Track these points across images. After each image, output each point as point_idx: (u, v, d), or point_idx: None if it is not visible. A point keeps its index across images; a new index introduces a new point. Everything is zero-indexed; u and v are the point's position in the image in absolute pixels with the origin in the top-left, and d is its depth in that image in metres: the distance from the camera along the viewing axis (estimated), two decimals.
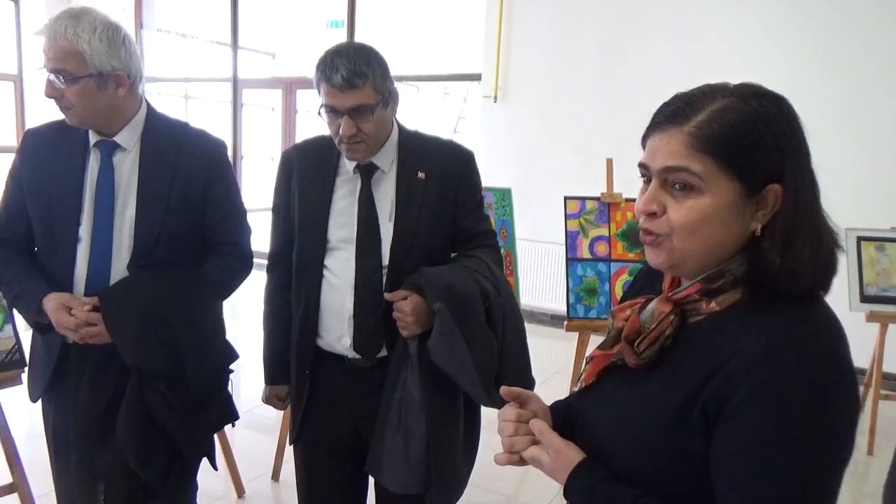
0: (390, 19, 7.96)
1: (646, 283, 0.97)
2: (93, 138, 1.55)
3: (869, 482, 3.10)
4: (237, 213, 1.70)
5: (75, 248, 1.52)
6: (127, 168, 1.56)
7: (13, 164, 1.60)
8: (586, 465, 0.86)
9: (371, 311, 1.51)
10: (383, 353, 1.55)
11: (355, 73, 1.38)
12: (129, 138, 1.55)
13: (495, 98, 5.56)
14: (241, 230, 1.71)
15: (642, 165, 0.83)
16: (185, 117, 7.77)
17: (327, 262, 1.54)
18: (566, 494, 0.87)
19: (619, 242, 3.23)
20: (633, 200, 3.20)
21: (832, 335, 0.76)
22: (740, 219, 0.79)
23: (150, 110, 1.61)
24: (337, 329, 1.54)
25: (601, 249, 3.14)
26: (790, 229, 0.77)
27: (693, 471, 0.78)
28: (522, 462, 0.91)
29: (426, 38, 8.17)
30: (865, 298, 3.37)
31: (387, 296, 1.48)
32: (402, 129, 1.59)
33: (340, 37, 6.87)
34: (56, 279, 1.54)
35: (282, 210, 1.63)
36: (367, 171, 1.54)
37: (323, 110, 1.44)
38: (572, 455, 0.87)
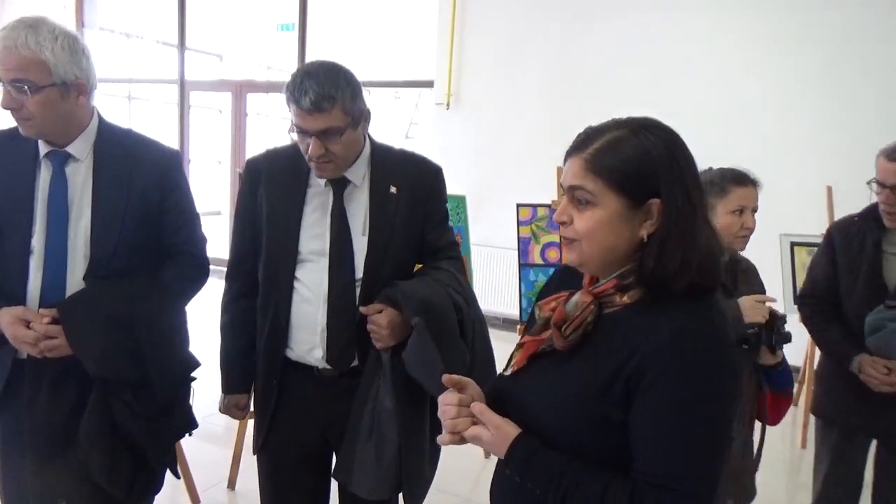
0: (342, 23, 7.95)
1: (562, 281, 1.14)
2: (43, 149, 1.52)
3: (802, 473, 3.28)
4: (193, 223, 1.70)
5: (27, 259, 1.50)
6: (80, 178, 1.54)
7: None
8: (522, 437, 0.99)
9: (344, 324, 1.52)
10: (354, 363, 1.57)
11: (324, 96, 1.38)
12: (81, 148, 1.54)
13: (448, 105, 5.63)
14: (198, 239, 1.72)
15: (561, 186, 1.03)
16: (128, 118, 7.54)
17: (298, 273, 1.54)
18: (506, 464, 1.00)
19: None
20: None
21: (718, 325, 0.95)
22: (629, 227, 0.96)
23: (101, 120, 1.60)
24: (308, 341, 1.55)
25: (552, 255, 3.24)
26: (664, 237, 0.94)
27: (613, 437, 0.94)
28: (463, 441, 1.04)
29: (378, 43, 8.18)
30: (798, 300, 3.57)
31: (362, 309, 1.49)
32: (373, 144, 1.60)
33: (290, 40, 6.82)
34: (6, 292, 1.50)
35: (246, 219, 1.62)
36: (339, 185, 1.55)
37: (293, 129, 1.46)
38: (510, 430, 1.00)
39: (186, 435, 1.76)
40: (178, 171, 1.67)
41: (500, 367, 1.57)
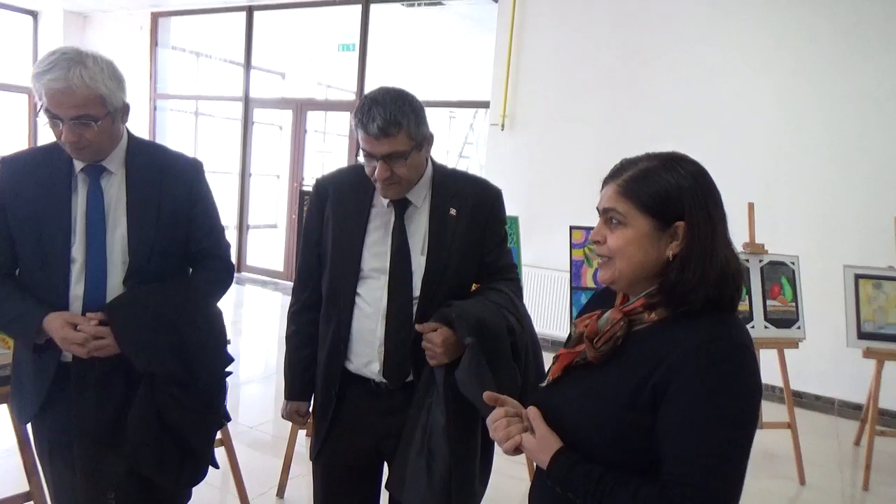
0: (401, 43, 8.12)
1: (598, 302, 1.24)
2: (79, 164, 1.59)
3: None
4: (219, 229, 1.80)
5: (69, 268, 1.57)
6: (114, 190, 1.62)
7: None
8: (565, 450, 1.07)
9: (401, 340, 1.57)
10: (409, 378, 1.61)
11: (390, 122, 1.45)
12: (115, 162, 1.63)
13: (503, 126, 5.67)
14: (224, 244, 1.82)
15: (598, 210, 1.14)
16: (195, 133, 7.82)
17: (360, 289, 1.61)
18: (547, 475, 1.08)
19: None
20: None
21: (739, 335, 1.02)
22: (657, 246, 1.07)
23: (129, 133, 1.69)
24: (367, 354, 1.61)
25: None
26: (686, 254, 1.05)
27: (642, 441, 1.02)
28: (518, 452, 1.12)
29: (436, 62, 8.30)
30: (862, 335, 3.43)
31: (418, 327, 1.54)
32: (435, 166, 1.66)
33: (351, 60, 7.02)
34: (50, 299, 1.57)
35: (313, 235, 1.69)
36: (400, 206, 1.60)
37: (361, 153, 1.53)
38: (554, 442, 1.08)
39: (224, 423, 1.84)
40: (203, 180, 1.76)
41: None
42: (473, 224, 1.62)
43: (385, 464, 1.71)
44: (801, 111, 4.57)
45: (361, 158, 1.55)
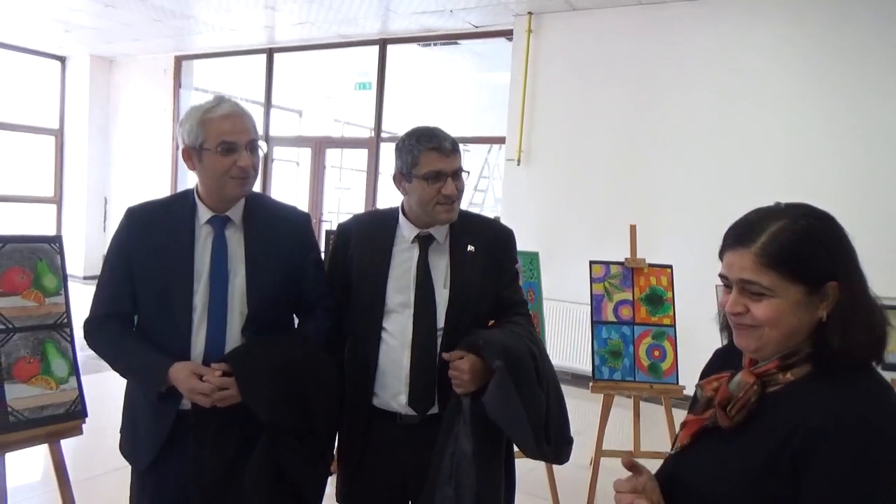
0: (417, 82, 8.30)
1: (724, 361, 1.17)
2: (205, 215, 1.67)
3: None
4: (324, 279, 1.83)
5: (192, 316, 1.62)
6: (235, 240, 1.68)
7: (117, 241, 1.69)
8: None
9: (427, 368, 1.65)
10: (433, 409, 1.67)
11: (453, 141, 1.66)
12: (237, 212, 1.69)
13: (518, 161, 5.77)
14: (330, 294, 1.82)
15: (723, 276, 1.07)
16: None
17: (385, 324, 1.68)
18: None
19: (642, 306, 3.35)
20: (657, 266, 3.30)
21: (886, 397, 0.96)
22: (809, 310, 1.00)
23: None
24: (394, 386, 1.67)
25: (625, 313, 3.26)
26: (847, 317, 0.98)
27: None
28: None
29: (450, 99, 8.46)
30: (886, 367, 3.43)
31: (445, 355, 1.61)
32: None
33: (368, 98, 7.20)
34: (171, 346, 1.61)
35: (336, 276, 1.78)
36: (424, 242, 1.71)
37: (421, 179, 1.63)
38: None
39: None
40: (311, 231, 1.83)
41: (573, 425, 1.63)
42: (490, 260, 1.73)
43: (410, 501, 1.74)
44: (809, 145, 4.63)
45: (423, 183, 1.64)
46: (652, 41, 5.19)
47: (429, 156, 1.62)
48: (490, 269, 1.72)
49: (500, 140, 6.14)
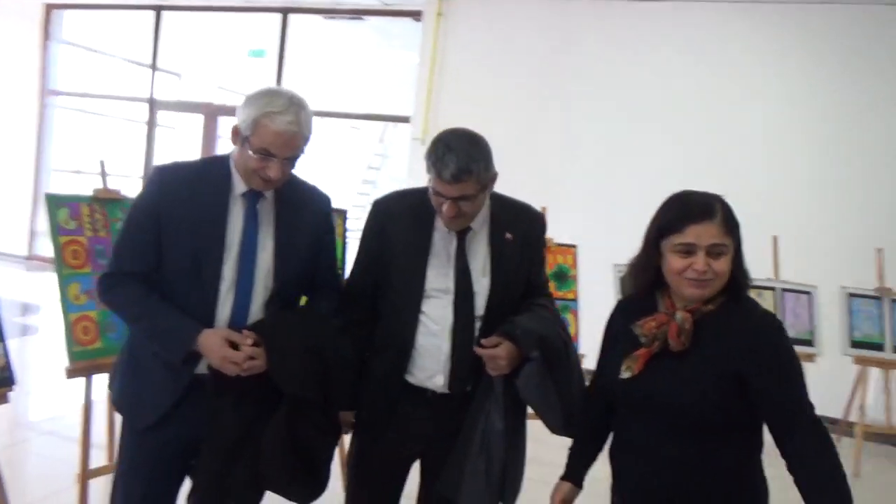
0: (318, 54, 8.12)
1: (636, 308, 1.50)
2: (241, 187, 1.65)
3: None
4: (336, 260, 1.87)
5: (219, 286, 1.62)
6: (265, 214, 1.69)
7: (147, 198, 1.65)
8: None
9: (466, 354, 1.69)
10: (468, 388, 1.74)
11: (463, 170, 1.56)
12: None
13: (424, 140, 5.88)
14: (339, 275, 1.89)
15: (687, 244, 1.39)
16: (90, 133, 7.35)
17: (424, 308, 1.71)
18: None
19: (550, 282, 3.61)
20: (564, 245, 3.58)
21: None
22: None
23: None
24: (431, 368, 1.71)
25: None
26: (740, 261, 1.43)
27: (739, 403, 1.36)
28: None
29: (352, 75, 8.36)
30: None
31: (483, 341, 1.65)
32: (491, 195, 1.76)
33: (261, 67, 6.96)
34: (195, 314, 1.61)
35: (370, 255, 1.79)
36: (462, 231, 1.71)
37: (431, 189, 1.64)
38: None
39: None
40: (331, 213, 1.85)
41: None
42: (526, 247, 1.78)
43: (421, 473, 1.83)
44: (701, 133, 5.13)
45: (431, 194, 1.65)
46: (558, 31, 5.48)
47: (433, 174, 1.61)
48: (526, 256, 1.77)
49: (404, 119, 6.22)
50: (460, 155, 1.57)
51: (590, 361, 1.75)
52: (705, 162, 5.06)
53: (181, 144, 8.53)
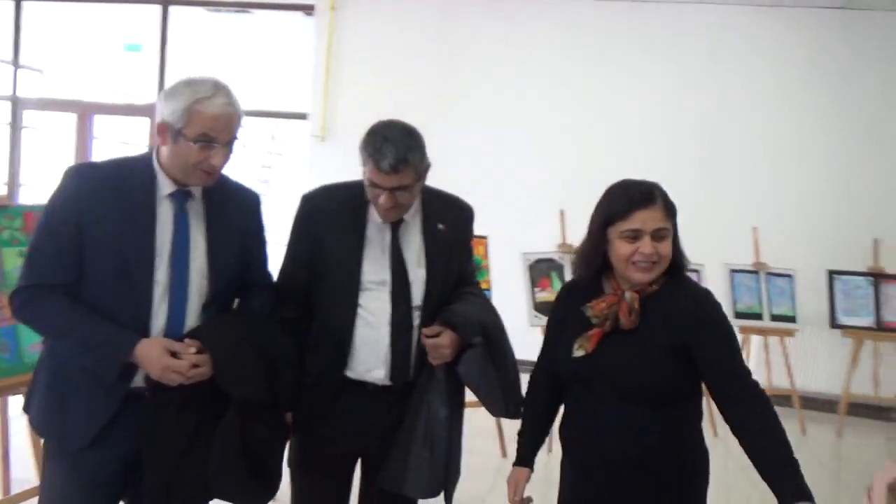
0: (203, 49, 7.73)
1: (582, 293, 1.58)
2: (167, 187, 1.57)
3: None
4: (267, 257, 1.83)
5: (152, 293, 1.53)
6: (194, 215, 1.61)
7: (62, 203, 1.52)
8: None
9: (405, 345, 1.71)
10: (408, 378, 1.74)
11: (400, 160, 1.58)
12: (197, 188, 1.61)
13: (323, 137, 5.76)
14: (270, 272, 1.83)
15: (634, 230, 1.48)
16: None
17: (361, 301, 1.70)
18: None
19: None
20: (476, 237, 3.58)
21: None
22: None
23: None
24: (370, 362, 1.71)
25: None
26: (678, 242, 1.55)
27: (686, 374, 1.49)
28: None
29: (241, 71, 8.01)
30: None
31: (425, 330, 1.68)
32: (423, 186, 1.78)
33: (140, 62, 6.54)
34: (127, 324, 1.52)
35: (301, 251, 1.76)
36: (395, 223, 1.73)
37: (367, 181, 1.64)
38: None
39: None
40: (261, 210, 1.80)
41: None
42: (456, 237, 1.83)
43: (360, 462, 1.82)
44: (600, 128, 5.38)
45: (367, 186, 1.64)
46: (452, 26, 5.56)
47: (370, 166, 1.61)
48: (457, 245, 1.82)
49: (300, 116, 6.06)
50: (398, 145, 1.59)
51: None
52: (602, 155, 5.33)
53: (51, 146, 7.84)
